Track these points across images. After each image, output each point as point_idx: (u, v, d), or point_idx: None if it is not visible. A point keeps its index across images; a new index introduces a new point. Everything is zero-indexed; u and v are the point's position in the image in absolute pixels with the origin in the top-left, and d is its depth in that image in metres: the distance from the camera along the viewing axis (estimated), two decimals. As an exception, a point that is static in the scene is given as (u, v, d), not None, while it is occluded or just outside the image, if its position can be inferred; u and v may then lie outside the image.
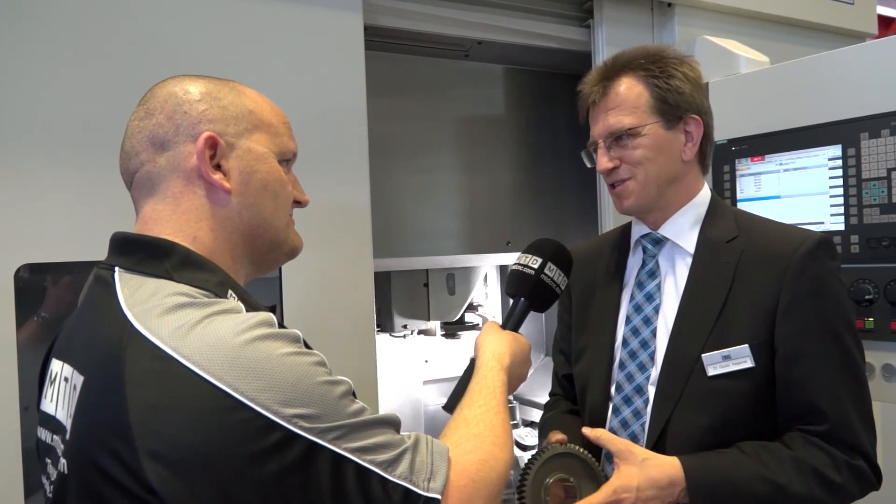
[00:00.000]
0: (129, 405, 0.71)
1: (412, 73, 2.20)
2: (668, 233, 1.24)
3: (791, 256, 1.12)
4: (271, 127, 0.93)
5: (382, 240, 1.81)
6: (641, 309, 1.24)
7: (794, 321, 1.10)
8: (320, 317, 1.61)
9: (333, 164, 1.63)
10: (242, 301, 0.84)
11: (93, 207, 1.36)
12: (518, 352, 1.11)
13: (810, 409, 1.10)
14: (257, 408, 0.70)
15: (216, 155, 0.87)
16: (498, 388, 0.99)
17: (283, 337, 0.77)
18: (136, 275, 0.82)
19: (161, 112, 0.87)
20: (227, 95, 0.90)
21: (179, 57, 1.44)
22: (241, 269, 0.92)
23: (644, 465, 1.06)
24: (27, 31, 1.32)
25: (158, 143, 0.86)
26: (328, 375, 0.77)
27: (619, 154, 1.20)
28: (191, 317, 0.75)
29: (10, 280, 1.29)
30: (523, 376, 1.14)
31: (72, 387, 0.81)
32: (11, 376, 1.28)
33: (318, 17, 1.60)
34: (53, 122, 1.34)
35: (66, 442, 0.80)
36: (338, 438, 0.74)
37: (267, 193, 0.91)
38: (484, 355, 1.06)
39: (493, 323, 1.19)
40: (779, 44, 2.28)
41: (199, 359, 0.71)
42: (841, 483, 1.07)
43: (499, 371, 1.02)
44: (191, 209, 0.86)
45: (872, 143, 1.60)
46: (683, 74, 1.21)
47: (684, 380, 1.13)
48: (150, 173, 0.87)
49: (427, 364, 2.53)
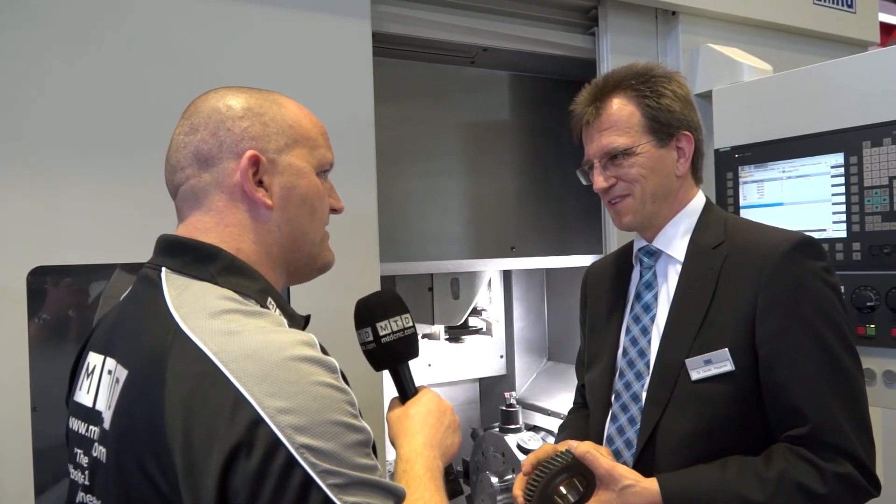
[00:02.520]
0: (166, 403, 0.73)
1: (418, 80, 2.22)
2: (660, 244, 1.27)
3: (768, 258, 1.13)
4: (310, 140, 0.96)
5: (387, 244, 1.82)
6: (640, 319, 1.26)
7: (772, 323, 1.11)
8: (327, 321, 1.61)
9: (341, 169, 1.62)
10: (281, 309, 0.87)
11: (104, 210, 1.37)
12: (427, 418, 1.04)
13: (792, 411, 1.10)
14: (271, 426, 0.70)
15: (258, 171, 0.90)
16: (423, 475, 0.94)
17: (323, 364, 0.76)
18: (182, 276, 0.85)
19: (205, 128, 0.90)
20: (269, 110, 0.92)
21: (188, 63, 1.46)
22: (279, 279, 0.95)
23: (622, 493, 1.06)
24: (39, 32, 1.34)
25: (203, 159, 0.89)
26: (354, 419, 0.76)
27: (614, 173, 1.23)
28: (238, 324, 0.77)
29: (23, 283, 1.31)
30: (458, 439, 1.07)
31: (114, 379, 0.83)
32: (23, 378, 1.30)
33: (326, 25, 1.62)
34: (68, 126, 1.36)
35: (106, 433, 0.82)
36: (336, 486, 0.72)
37: (305, 208, 0.94)
38: (402, 447, 1.01)
39: (394, 401, 1.13)
40: (781, 52, 2.29)
41: (235, 367, 0.72)
42: (825, 494, 1.05)
43: (419, 454, 0.98)
44: (234, 223, 0.89)
45: (874, 152, 1.61)
46: (672, 92, 1.24)
47: (671, 385, 1.15)
48: (194, 187, 0.90)
49: (430, 368, 2.54)
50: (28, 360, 1.30)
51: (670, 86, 1.24)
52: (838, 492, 1.07)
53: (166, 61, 1.44)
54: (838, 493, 1.07)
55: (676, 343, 1.17)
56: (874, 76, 1.63)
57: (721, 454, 1.11)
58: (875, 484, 1.10)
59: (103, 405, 0.84)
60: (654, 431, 1.15)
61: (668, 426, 1.15)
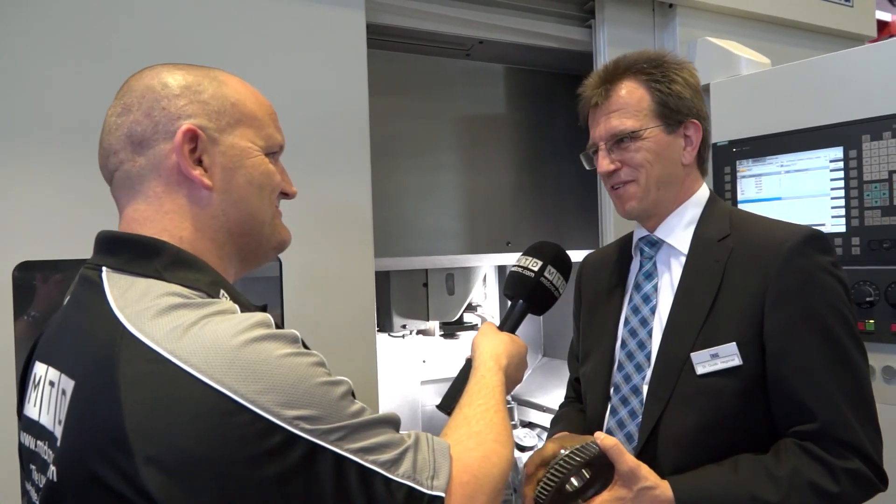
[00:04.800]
0: (125, 410, 0.69)
1: (413, 72, 2.20)
2: (662, 234, 1.25)
3: (777, 252, 1.11)
4: (256, 120, 0.89)
5: (381, 239, 1.80)
6: (639, 310, 1.24)
7: (780, 317, 1.09)
8: (321, 317, 1.60)
9: (335, 162, 1.62)
10: (234, 301, 0.82)
11: (91, 204, 1.34)
12: (515, 353, 1.11)
13: (800, 407, 1.08)
14: (258, 410, 0.69)
15: (197, 149, 0.84)
16: (497, 387, 0.98)
17: (282, 338, 0.75)
18: (124, 275, 0.80)
19: (138, 108, 0.83)
20: (208, 88, 0.86)
21: (178, 54, 1.42)
22: (230, 267, 0.90)
23: (640, 494, 1.04)
24: (22, 27, 1.31)
25: (137, 141, 0.83)
26: (328, 376, 0.76)
27: (619, 157, 1.21)
28: (186, 318, 0.73)
29: (8, 278, 1.28)
30: (519, 379, 1.14)
31: (59, 391, 0.78)
32: (9, 375, 1.27)
33: (320, 15, 1.59)
34: (50, 119, 1.33)
35: (57, 449, 0.77)
36: (340, 440, 0.73)
37: (252, 188, 0.87)
38: (482, 356, 1.06)
39: (490, 324, 1.19)
40: (778, 45, 2.29)
41: (196, 361, 0.70)
42: (837, 493, 1.05)
43: (497, 371, 1.02)
44: (173, 210, 0.84)
45: (874, 146, 1.60)
46: (684, 80, 1.22)
47: (675, 379, 1.13)
48: (129, 173, 0.84)
49: (425, 364, 2.52)
50: (14, 357, 1.28)
51: (681, 73, 1.22)
52: (849, 488, 1.06)
53: (152, 52, 1.41)
54: (849, 490, 1.06)
55: (680, 336, 1.15)
56: (874, 69, 1.61)
57: (724, 449, 1.10)
58: (883, 478, 1.09)
59: (52, 420, 0.79)
60: (656, 426, 1.13)
61: (671, 421, 1.13)
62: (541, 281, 1.18)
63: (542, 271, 1.18)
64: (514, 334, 1.18)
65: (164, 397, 0.69)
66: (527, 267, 1.19)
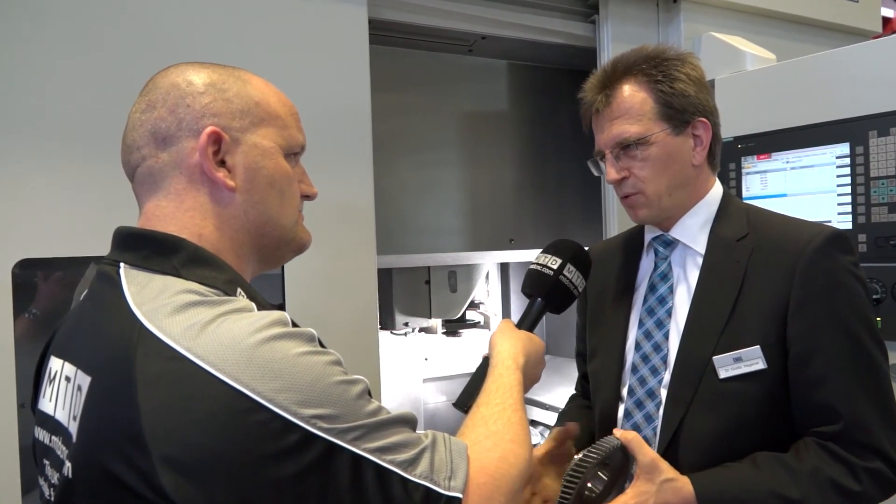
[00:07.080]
0: (141, 407, 0.69)
1: (415, 68, 2.19)
2: (678, 234, 1.21)
3: (801, 253, 1.09)
4: (278, 119, 0.90)
5: (384, 236, 1.79)
6: (654, 312, 1.21)
7: (805, 319, 1.08)
8: (323, 314, 1.59)
9: (337, 159, 1.61)
10: (251, 299, 0.82)
11: (90, 202, 1.34)
12: (533, 352, 1.09)
13: (824, 408, 1.07)
14: (275, 409, 0.69)
15: (220, 150, 0.84)
16: (514, 386, 0.97)
17: (299, 336, 0.75)
18: (142, 271, 0.80)
19: (163, 105, 0.84)
20: (233, 86, 0.87)
21: (179, 49, 1.42)
22: (248, 266, 0.90)
23: (662, 488, 1.03)
24: (22, 24, 1.30)
25: (160, 137, 0.84)
26: (345, 375, 0.76)
27: (627, 164, 1.17)
28: (203, 315, 0.73)
29: (8, 275, 1.27)
30: (537, 377, 1.12)
31: (76, 387, 0.78)
32: (9, 373, 1.26)
33: (322, 10, 1.58)
34: (50, 116, 1.32)
35: (72, 445, 0.77)
36: (357, 439, 0.72)
37: (273, 191, 0.88)
38: (499, 354, 1.04)
39: (508, 321, 1.17)
40: (783, 41, 2.27)
41: (214, 359, 0.69)
42: (860, 492, 1.04)
43: (514, 370, 1.00)
44: (194, 207, 0.84)
45: (881, 142, 1.58)
46: (686, 75, 1.17)
47: (696, 383, 1.11)
48: (151, 169, 0.84)
49: (427, 362, 2.51)
50: (14, 355, 1.27)
51: (684, 68, 1.17)
52: (870, 488, 1.05)
53: (152, 48, 1.41)
54: (870, 489, 1.05)
55: (701, 339, 1.13)
56: (881, 64, 1.60)
57: (745, 453, 1.09)
58: None
59: (67, 416, 0.79)
60: (676, 430, 1.12)
61: (692, 425, 1.11)
62: (560, 279, 1.15)
63: (562, 269, 1.15)
64: (532, 332, 1.16)
65: (181, 394, 0.69)
66: (546, 265, 1.17)
